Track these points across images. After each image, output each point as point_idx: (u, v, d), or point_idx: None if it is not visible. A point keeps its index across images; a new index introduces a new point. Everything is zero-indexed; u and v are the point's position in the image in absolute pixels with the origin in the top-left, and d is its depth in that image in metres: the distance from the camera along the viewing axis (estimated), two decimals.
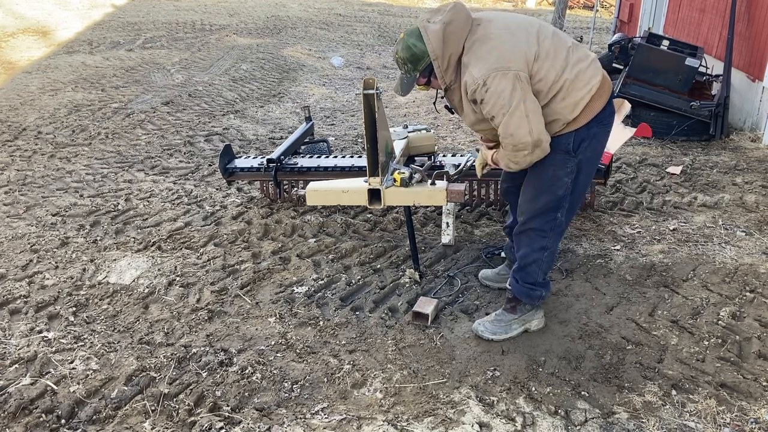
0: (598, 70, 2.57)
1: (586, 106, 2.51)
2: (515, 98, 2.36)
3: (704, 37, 6.96)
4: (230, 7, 15.24)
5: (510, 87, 2.36)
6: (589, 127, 2.55)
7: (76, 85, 7.92)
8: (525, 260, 2.79)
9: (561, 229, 2.75)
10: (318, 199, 3.29)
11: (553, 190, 2.62)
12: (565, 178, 2.60)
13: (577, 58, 2.53)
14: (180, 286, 3.39)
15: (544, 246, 2.74)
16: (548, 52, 2.46)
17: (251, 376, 2.66)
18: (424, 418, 2.41)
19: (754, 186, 4.59)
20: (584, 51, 2.60)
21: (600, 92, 2.54)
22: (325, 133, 6.12)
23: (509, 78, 2.37)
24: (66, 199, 4.56)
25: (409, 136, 4.06)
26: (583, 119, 2.53)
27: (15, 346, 2.88)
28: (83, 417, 2.45)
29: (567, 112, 2.50)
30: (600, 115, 2.57)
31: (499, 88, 2.37)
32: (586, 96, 2.49)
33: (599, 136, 2.62)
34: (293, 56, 9.83)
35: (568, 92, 2.48)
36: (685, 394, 2.52)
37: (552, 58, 2.46)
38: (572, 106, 2.49)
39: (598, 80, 2.54)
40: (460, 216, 4.18)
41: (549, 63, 2.45)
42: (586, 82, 2.50)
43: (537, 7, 18.58)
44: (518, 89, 2.37)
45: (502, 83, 2.37)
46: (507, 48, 2.43)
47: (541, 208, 2.67)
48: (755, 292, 3.22)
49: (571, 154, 2.57)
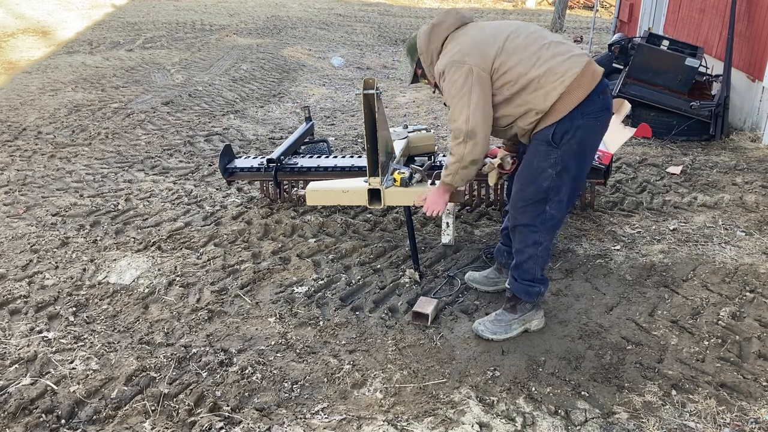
0: (578, 63, 2.58)
1: (562, 95, 2.55)
2: (464, 89, 2.56)
3: (704, 37, 6.96)
4: (230, 7, 15.25)
5: (462, 79, 2.56)
6: (572, 119, 2.57)
7: (76, 85, 7.92)
8: (521, 256, 2.80)
9: (552, 223, 2.74)
10: (318, 199, 3.29)
11: (538, 182, 2.66)
12: (549, 169, 2.63)
13: (552, 54, 2.59)
14: (180, 286, 3.39)
15: (536, 241, 2.75)
16: (515, 49, 2.60)
17: (251, 376, 2.66)
18: (424, 418, 2.41)
19: (754, 186, 4.59)
20: (564, 48, 2.64)
21: (578, 83, 2.55)
22: (325, 133, 6.12)
23: (463, 71, 2.57)
24: (66, 199, 4.56)
25: (409, 136, 4.06)
26: (561, 109, 2.56)
27: (15, 346, 2.88)
28: (83, 417, 2.46)
29: (539, 102, 2.57)
30: (584, 108, 2.57)
31: (453, 79, 2.59)
32: (559, 87, 2.55)
33: (585, 130, 2.61)
34: (293, 56, 9.83)
35: (540, 85, 2.57)
36: (685, 394, 2.52)
37: (519, 53, 2.60)
38: (543, 95, 2.56)
39: (575, 72, 2.55)
40: (460, 216, 4.18)
41: (516, 58, 2.59)
42: (559, 75, 2.55)
43: (537, 8, 18.58)
44: (468, 82, 2.56)
45: (456, 75, 2.58)
46: (468, 45, 2.64)
47: (528, 200, 2.70)
48: (755, 292, 3.22)
49: (552, 145, 2.60)
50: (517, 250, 2.81)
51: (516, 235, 2.81)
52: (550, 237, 2.80)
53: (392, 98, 7.56)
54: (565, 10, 13.46)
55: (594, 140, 2.70)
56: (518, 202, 2.75)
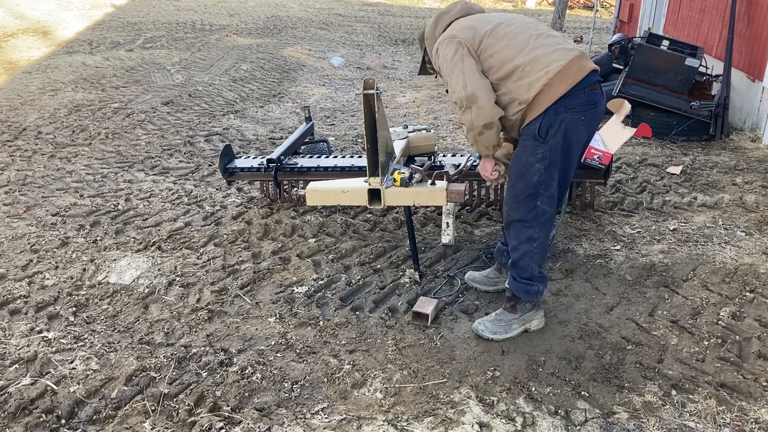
0: (565, 56, 2.58)
1: (545, 87, 2.56)
2: (455, 59, 2.68)
3: (704, 37, 6.96)
4: (230, 7, 15.25)
5: (452, 51, 2.70)
6: (556, 112, 2.58)
7: (76, 85, 7.92)
8: (516, 253, 2.81)
9: (545, 218, 2.75)
10: (318, 199, 3.29)
11: (527, 177, 2.69)
12: (537, 164, 2.65)
13: (541, 44, 2.63)
14: (180, 286, 3.39)
15: (530, 236, 2.76)
16: (505, 35, 2.69)
17: (251, 376, 2.66)
18: (424, 418, 2.41)
19: (754, 186, 4.59)
20: (555, 40, 2.67)
21: (562, 75, 2.56)
22: (325, 133, 6.12)
23: (453, 44, 2.72)
24: (66, 199, 4.56)
25: (409, 136, 4.06)
26: (544, 101, 2.57)
27: (15, 346, 2.88)
28: (83, 417, 2.46)
29: (522, 91, 2.60)
30: (568, 101, 2.58)
31: (445, 52, 2.74)
32: (542, 77, 2.56)
33: (571, 124, 2.61)
34: (293, 56, 9.83)
35: (524, 74, 2.60)
36: (685, 394, 2.52)
37: (509, 39, 2.68)
38: (527, 86, 2.59)
39: (561, 64, 2.56)
40: (460, 216, 4.18)
41: (504, 42, 2.67)
42: (544, 66, 2.57)
43: (537, 8, 18.58)
44: (458, 53, 2.69)
45: (447, 48, 2.73)
46: (460, 26, 2.79)
47: (519, 195, 2.74)
48: (755, 292, 3.22)
49: (539, 140, 2.62)
50: (512, 247, 2.85)
51: (511, 232, 2.85)
52: (545, 233, 2.80)
53: (392, 98, 7.56)
54: (565, 10, 13.46)
55: (579, 135, 2.70)
56: (510, 197, 2.81)
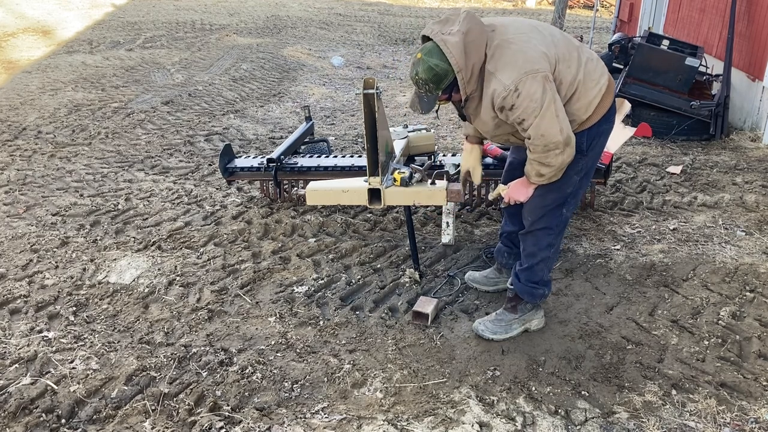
0: (604, 68, 2.61)
1: (598, 105, 2.55)
2: (546, 99, 2.35)
3: (704, 37, 6.96)
4: (230, 7, 15.24)
5: (540, 89, 2.35)
6: (599, 125, 2.60)
7: (76, 85, 7.92)
8: (533, 259, 2.80)
9: (565, 224, 2.80)
10: (318, 198, 3.29)
11: (562, 189, 2.66)
12: (575, 176, 2.65)
13: (587, 58, 2.55)
14: (180, 285, 3.39)
15: (550, 243, 2.77)
16: (564, 55, 2.48)
17: (251, 375, 2.66)
18: (424, 418, 2.41)
19: (754, 186, 4.59)
20: (589, 50, 2.64)
21: (608, 90, 2.59)
22: (325, 132, 6.12)
23: (539, 80, 2.35)
24: (66, 199, 4.56)
25: (409, 135, 4.06)
26: (594, 118, 2.57)
27: (15, 346, 2.88)
28: (83, 417, 2.46)
29: (581, 113, 2.53)
30: (608, 113, 2.62)
31: (531, 91, 2.34)
32: (597, 95, 2.53)
33: (606, 133, 2.67)
34: (293, 56, 9.82)
35: (582, 93, 2.51)
36: (685, 394, 2.52)
37: (567, 60, 2.48)
38: (586, 106, 2.52)
39: (606, 78, 2.58)
40: (460, 216, 4.18)
41: (565, 65, 2.47)
42: (596, 81, 2.53)
43: (537, 7, 18.57)
44: (548, 90, 2.36)
45: (533, 86, 2.34)
46: (530, 51, 2.41)
47: (548, 206, 2.70)
48: (755, 292, 3.22)
49: (583, 153, 2.60)
50: (529, 253, 2.80)
51: (529, 239, 2.80)
52: (561, 239, 2.84)
53: (392, 98, 7.56)
54: (565, 10, 13.42)
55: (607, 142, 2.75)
56: (537, 208, 2.71)
